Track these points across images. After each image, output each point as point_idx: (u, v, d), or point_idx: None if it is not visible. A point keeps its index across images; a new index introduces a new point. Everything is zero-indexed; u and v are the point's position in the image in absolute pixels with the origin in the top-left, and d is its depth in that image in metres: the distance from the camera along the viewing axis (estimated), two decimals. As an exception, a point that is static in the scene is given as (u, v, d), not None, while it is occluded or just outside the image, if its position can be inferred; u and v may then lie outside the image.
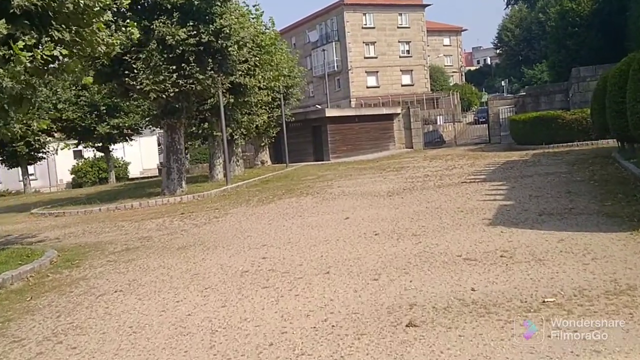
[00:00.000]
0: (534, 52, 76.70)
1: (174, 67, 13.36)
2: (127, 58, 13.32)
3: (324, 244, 6.91)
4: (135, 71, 13.23)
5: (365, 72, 49.10)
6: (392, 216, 8.51)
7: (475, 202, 9.05)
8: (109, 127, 29.07)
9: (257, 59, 17.47)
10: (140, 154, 49.28)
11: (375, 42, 49.36)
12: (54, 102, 27.85)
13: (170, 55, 13.29)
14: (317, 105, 43.26)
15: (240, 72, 15.77)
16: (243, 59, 14.89)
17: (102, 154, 33.21)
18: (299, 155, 30.02)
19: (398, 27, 50.17)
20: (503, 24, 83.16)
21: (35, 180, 45.42)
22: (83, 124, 28.68)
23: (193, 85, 13.62)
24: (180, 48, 13.18)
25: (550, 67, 34.89)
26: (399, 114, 32.91)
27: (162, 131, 20.89)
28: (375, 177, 16.21)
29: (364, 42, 49.01)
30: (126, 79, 13.44)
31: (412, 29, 50.85)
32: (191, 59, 13.35)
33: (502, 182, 11.51)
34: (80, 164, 41.67)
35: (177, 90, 13.72)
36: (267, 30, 19.53)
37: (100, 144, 30.99)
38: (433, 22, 60.77)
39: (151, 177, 39.14)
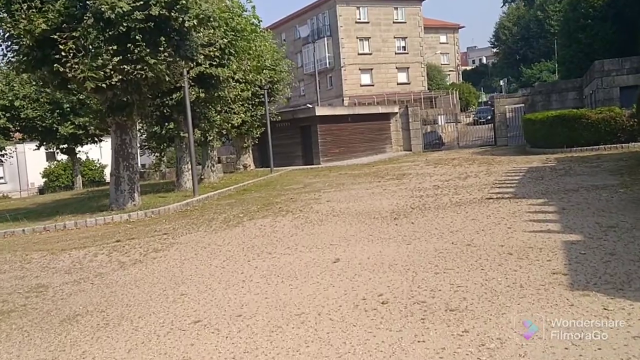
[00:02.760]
0: (532, 50, 74.60)
1: (116, 48, 10.44)
2: (56, 37, 10.39)
3: (296, 325, 4.04)
4: (64, 54, 10.29)
5: (359, 69, 46.27)
6: (404, 260, 5.66)
7: (522, 236, 6.22)
8: (73, 126, 25.96)
9: (228, 42, 14.51)
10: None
11: (370, 37, 46.56)
12: (10, 98, 24.80)
13: (111, 33, 10.37)
14: (308, 105, 40.37)
15: (203, 57, 12.77)
16: (207, 40, 11.98)
17: (68, 157, 30.09)
18: (286, 158, 27.13)
19: (394, 22, 47.37)
20: (500, 22, 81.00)
21: (5, 184, 42.33)
22: (44, 124, 25.59)
23: (142, 72, 10.69)
24: (124, 24, 10.26)
25: (560, 62, 32.30)
26: (396, 113, 30.11)
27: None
28: (373, 187, 13.38)
29: (357, 38, 46.19)
30: (56, 64, 10.50)
31: (409, 24, 48.09)
32: (138, 38, 10.43)
33: (543, 200, 8.70)
34: (52, 166, 38.62)
35: (122, 78, 10.80)
36: (245, 13, 16.58)
37: (65, 146, 27.86)
38: (429, 19, 58.09)
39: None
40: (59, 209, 14.38)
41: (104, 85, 10.58)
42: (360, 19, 46.24)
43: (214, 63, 14.79)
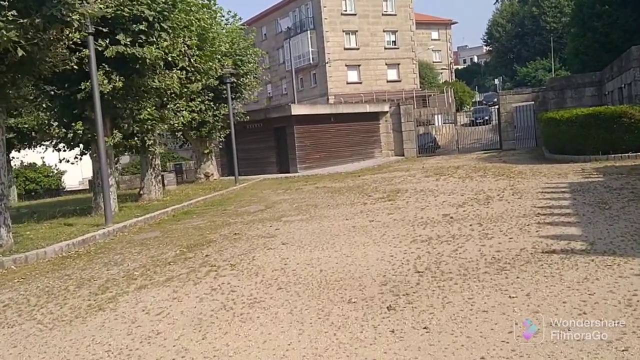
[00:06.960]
0: (527, 48, 71.42)
1: None
2: None
3: None
4: None
5: (346, 65, 42.29)
6: None
7: None
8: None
9: (157, 13, 10.43)
10: (79, 162, 41.66)
11: (357, 31, 42.60)
12: None
13: None
14: (289, 103, 36.31)
15: (123, 33, 8.69)
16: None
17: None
18: (258, 165, 23.12)
19: (383, 14, 43.48)
20: (493, 19, 77.77)
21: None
22: (-35, 125, 21.23)
23: (-22, 43, 6.62)
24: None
25: (572, 55, 28.56)
26: (387, 112, 26.16)
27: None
28: (355, 214, 9.38)
29: (343, 31, 42.21)
30: None
31: (399, 17, 44.23)
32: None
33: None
34: (3, 173, 34.21)
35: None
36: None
37: (-5, 151, 23.49)
38: (420, 14, 54.36)
39: (82, 190, 32.07)
40: None
41: None
42: (346, 10, 42.30)
43: (140, 40, 10.75)
